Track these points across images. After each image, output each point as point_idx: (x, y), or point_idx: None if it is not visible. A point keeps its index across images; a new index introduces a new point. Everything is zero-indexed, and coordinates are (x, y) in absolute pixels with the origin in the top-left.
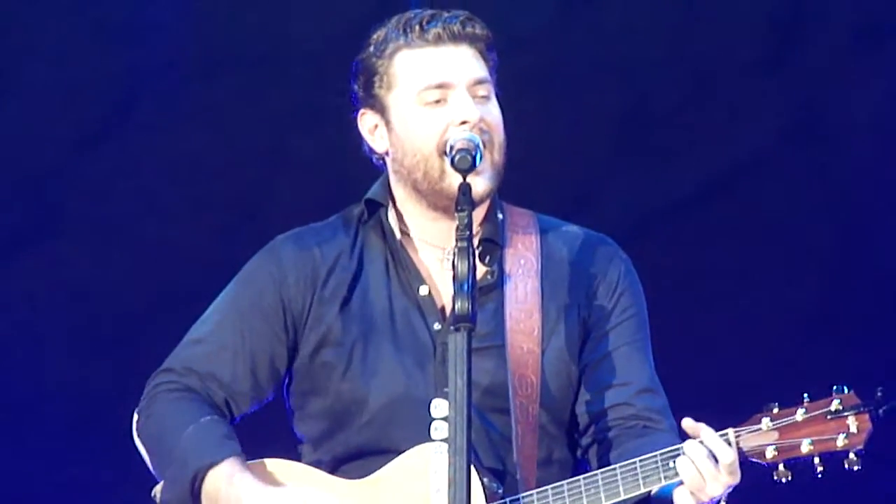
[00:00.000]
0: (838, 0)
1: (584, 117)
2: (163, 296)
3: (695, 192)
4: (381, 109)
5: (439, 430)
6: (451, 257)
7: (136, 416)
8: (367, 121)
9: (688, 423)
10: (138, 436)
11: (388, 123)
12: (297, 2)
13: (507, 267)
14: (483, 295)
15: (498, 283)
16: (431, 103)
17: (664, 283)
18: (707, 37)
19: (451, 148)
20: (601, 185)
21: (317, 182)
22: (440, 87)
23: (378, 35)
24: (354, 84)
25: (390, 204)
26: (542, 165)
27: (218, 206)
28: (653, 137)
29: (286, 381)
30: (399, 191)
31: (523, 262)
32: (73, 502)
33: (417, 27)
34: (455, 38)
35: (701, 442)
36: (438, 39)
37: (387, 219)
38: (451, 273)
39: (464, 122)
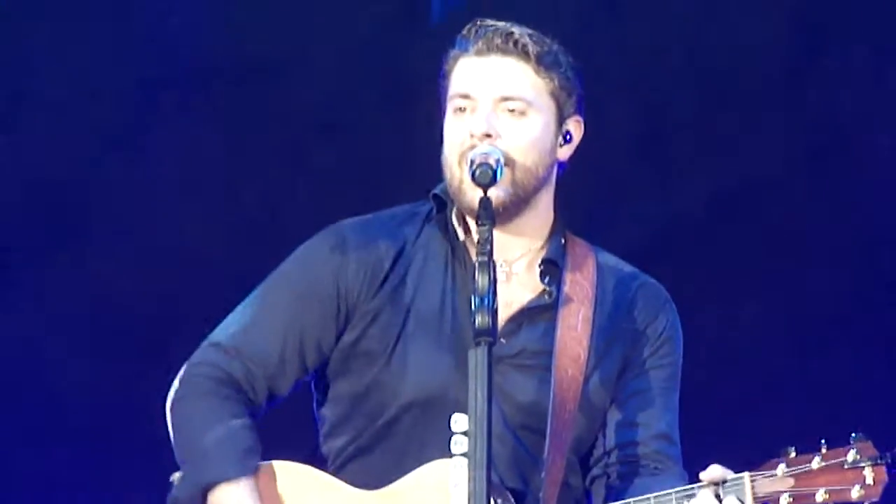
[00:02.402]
0: (861, 12)
1: (602, 131)
2: (184, 301)
3: (710, 206)
4: (443, 112)
5: (459, 444)
6: (507, 270)
7: (175, 385)
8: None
9: (707, 473)
10: (170, 410)
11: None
12: (319, 9)
13: (565, 290)
14: (537, 314)
15: (553, 304)
16: (457, 111)
17: (683, 298)
18: (725, 49)
19: (472, 162)
20: (617, 199)
21: (336, 190)
22: (464, 97)
23: (459, 35)
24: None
25: (454, 206)
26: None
27: (239, 212)
28: (669, 151)
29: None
30: None
31: (580, 289)
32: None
33: (473, 34)
34: (496, 50)
35: (717, 496)
36: (480, 51)
37: (451, 218)
38: (512, 289)
39: (472, 135)
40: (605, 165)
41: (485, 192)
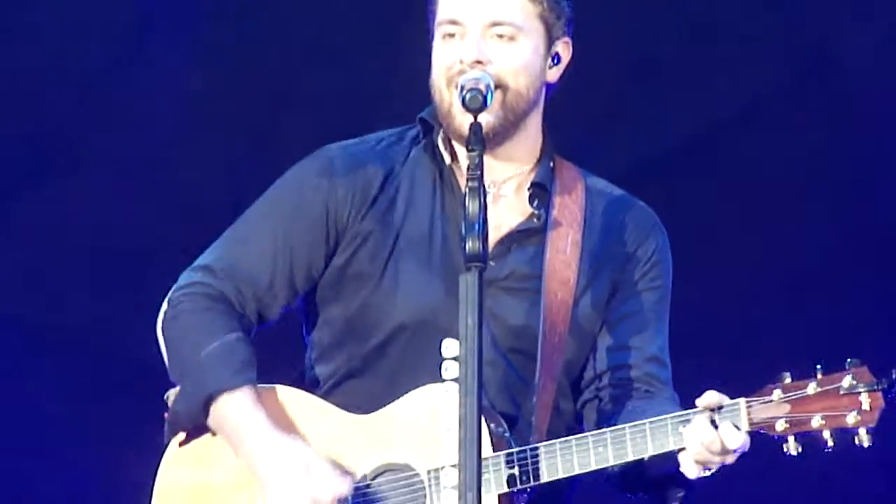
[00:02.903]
0: None
1: (584, 62)
2: (177, 230)
3: (692, 142)
4: (432, 36)
5: (450, 370)
6: (496, 191)
7: (164, 307)
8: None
9: (704, 398)
10: (162, 331)
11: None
12: None
13: (554, 214)
14: (525, 238)
15: (542, 228)
16: (446, 37)
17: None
18: None
19: (462, 88)
20: (602, 132)
21: (325, 118)
22: (452, 22)
23: None
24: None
25: (441, 129)
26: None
27: (228, 141)
28: (651, 86)
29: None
30: None
31: (568, 213)
32: (95, 441)
33: None
34: None
35: (712, 421)
36: None
37: (438, 142)
38: (501, 210)
39: (462, 61)
40: (597, 91)
41: (475, 118)
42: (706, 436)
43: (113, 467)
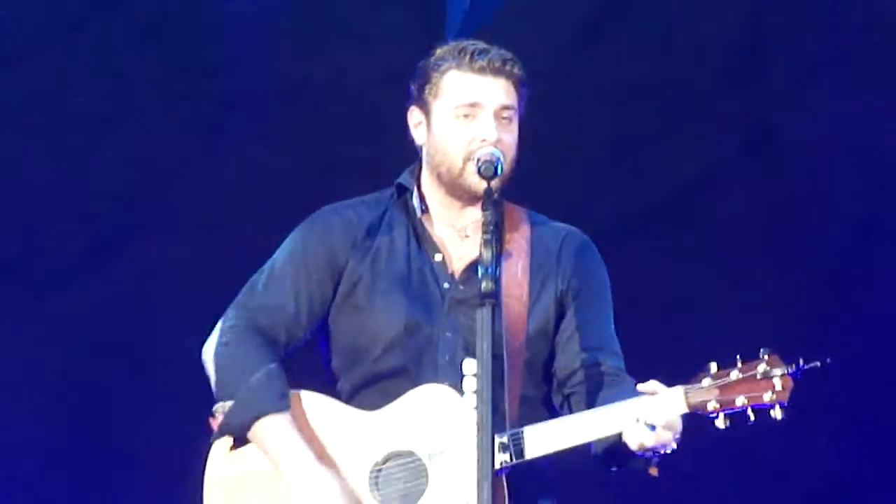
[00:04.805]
0: (797, 26)
1: (576, 134)
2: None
3: (662, 201)
4: (426, 111)
5: (469, 384)
6: (462, 233)
7: (215, 337)
8: (414, 116)
9: (645, 385)
10: (214, 355)
11: (428, 123)
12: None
13: (506, 246)
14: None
15: (497, 258)
16: (462, 117)
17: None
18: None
19: (478, 160)
20: (583, 193)
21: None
22: (472, 105)
23: (441, 52)
24: (412, 84)
25: (415, 189)
26: (535, 175)
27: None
28: (632, 151)
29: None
30: (426, 177)
31: (516, 244)
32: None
33: (468, 56)
34: (495, 72)
35: (656, 396)
36: (482, 70)
37: (411, 199)
38: (465, 247)
39: (483, 140)
40: (576, 162)
41: (488, 184)
42: (653, 407)
43: None
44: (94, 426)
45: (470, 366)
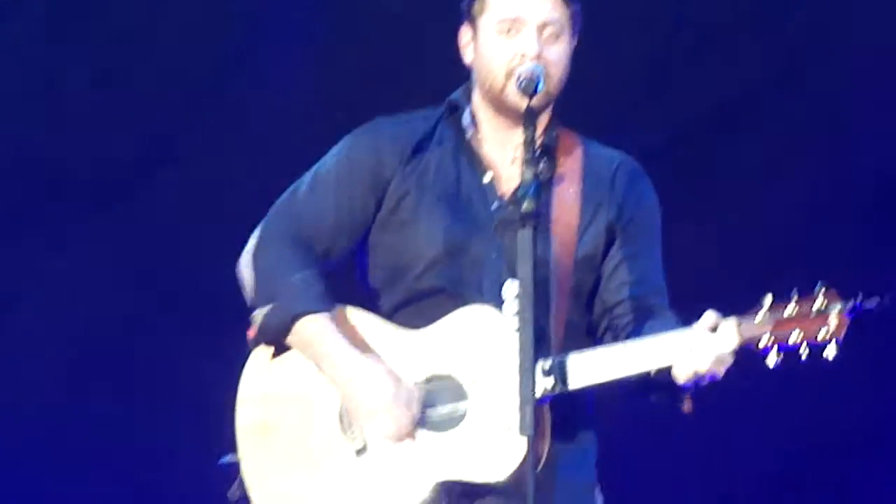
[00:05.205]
0: None
1: (606, 61)
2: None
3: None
4: (474, 28)
5: (510, 306)
6: (513, 153)
7: (253, 242)
8: (464, 34)
9: (703, 318)
10: (253, 258)
11: (476, 41)
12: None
13: (559, 170)
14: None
15: (549, 181)
16: (504, 32)
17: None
18: None
19: (519, 76)
20: (616, 117)
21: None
22: (514, 20)
23: None
24: (462, 2)
25: (467, 107)
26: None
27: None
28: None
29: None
30: (476, 97)
31: (569, 169)
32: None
33: None
34: None
35: (712, 328)
36: None
37: (462, 118)
38: (515, 169)
39: (524, 55)
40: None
41: (529, 101)
42: (706, 338)
43: None
44: (135, 355)
45: (512, 287)
